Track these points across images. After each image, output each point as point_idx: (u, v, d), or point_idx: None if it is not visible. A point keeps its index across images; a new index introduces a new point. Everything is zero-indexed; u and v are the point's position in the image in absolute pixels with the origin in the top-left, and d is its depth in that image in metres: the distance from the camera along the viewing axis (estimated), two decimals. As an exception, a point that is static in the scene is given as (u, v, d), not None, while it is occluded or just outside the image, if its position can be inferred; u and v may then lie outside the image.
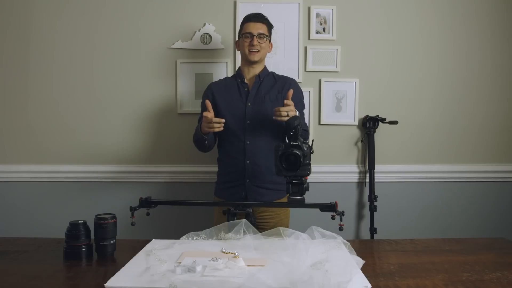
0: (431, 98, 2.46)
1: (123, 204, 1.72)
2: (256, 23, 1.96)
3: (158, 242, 1.43)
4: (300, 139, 1.42)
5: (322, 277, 1.05)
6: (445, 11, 2.44)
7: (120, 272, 1.15)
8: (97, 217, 1.36)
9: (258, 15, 1.99)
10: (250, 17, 1.99)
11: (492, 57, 2.46)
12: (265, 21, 1.99)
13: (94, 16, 2.42)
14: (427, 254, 1.40)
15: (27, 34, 2.42)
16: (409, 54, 2.45)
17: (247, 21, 1.98)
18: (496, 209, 2.49)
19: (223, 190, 1.99)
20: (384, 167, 2.44)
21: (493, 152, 2.49)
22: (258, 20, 1.97)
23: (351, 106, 2.45)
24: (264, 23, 1.98)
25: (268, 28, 2.00)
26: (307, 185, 1.43)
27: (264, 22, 1.99)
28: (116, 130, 2.44)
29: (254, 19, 1.97)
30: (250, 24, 1.96)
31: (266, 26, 1.99)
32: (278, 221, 1.90)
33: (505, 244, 1.55)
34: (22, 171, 2.44)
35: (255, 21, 1.97)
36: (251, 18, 1.98)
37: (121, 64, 2.43)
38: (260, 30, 1.95)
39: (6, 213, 2.43)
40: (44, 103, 2.44)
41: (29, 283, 1.14)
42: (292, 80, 2.07)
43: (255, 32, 1.94)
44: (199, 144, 1.96)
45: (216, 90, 2.01)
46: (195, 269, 1.11)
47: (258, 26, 1.96)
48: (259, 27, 1.95)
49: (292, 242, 1.30)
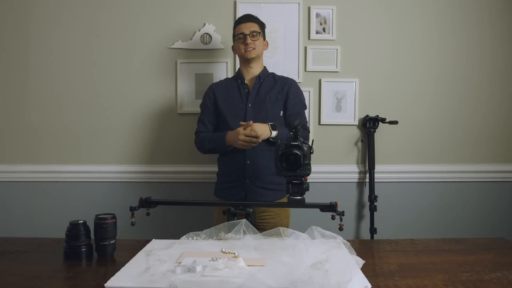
0: (431, 98, 2.47)
1: (123, 204, 1.72)
2: (247, 22, 2.00)
3: (158, 242, 1.43)
4: (300, 139, 1.42)
5: (322, 277, 1.04)
6: (445, 11, 2.44)
7: (120, 272, 1.15)
8: (97, 217, 1.36)
9: (248, 15, 2.03)
10: (241, 18, 2.03)
11: (492, 57, 2.46)
12: (255, 20, 2.02)
13: (94, 16, 2.42)
14: (427, 254, 1.40)
15: (27, 34, 2.42)
16: (409, 54, 2.45)
17: (239, 23, 2.02)
18: (496, 209, 2.49)
19: (223, 190, 2.00)
20: (384, 167, 2.44)
21: (493, 152, 2.49)
22: (248, 20, 2.01)
23: (351, 106, 2.45)
24: (255, 22, 2.01)
25: (260, 26, 2.03)
26: (307, 185, 1.43)
27: (255, 20, 2.02)
28: (116, 130, 2.45)
29: (245, 19, 2.01)
30: (241, 25, 2.00)
31: (258, 24, 2.02)
32: (278, 221, 1.91)
33: (505, 244, 1.55)
34: (22, 171, 2.44)
35: (246, 21, 2.00)
36: (242, 19, 2.03)
37: (121, 64, 2.43)
38: (251, 28, 1.98)
39: (6, 213, 2.43)
40: (44, 103, 2.44)
41: (29, 283, 1.14)
42: (292, 81, 2.07)
43: (247, 31, 1.97)
44: (212, 152, 2.00)
45: (217, 91, 2.03)
46: (195, 269, 1.11)
47: (249, 25, 1.99)
48: (250, 26, 1.98)
49: (292, 242, 1.30)
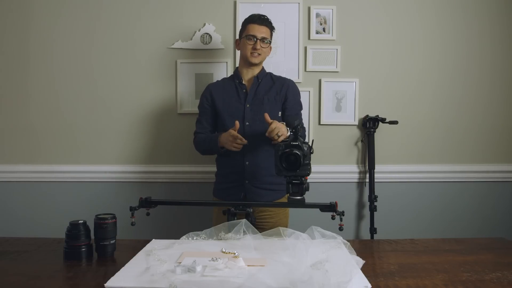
0: (431, 98, 2.47)
1: (123, 204, 1.72)
2: (261, 26, 1.93)
3: (158, 242, 1.43)
4: (300, 139, 1.42)
5: (322, 277, 1.04)
6: (445, 11, 2.44)
7: (120, 272, 1.15)
8: (97, 217, 1.36)
9: (263, 17, 1.96)
10: (255, 18, 1.94)
11: (492, 57, 2.46)
12: (268, 25, 1.96)
13: (94, 16, 2.42)
14: (427, 254, 1.40)
15: (27, 34, 2.42)
16: (409, 54, 2.45)
17: (251, 22, 1.94)
18: (496, 209, 2.49)
19: (222, 190, 1.99)
20: (384, 167, 2.44)
21: (493, 152, 2.49)
22: (263, 23, 1.94)
23: (351, 106, 2.45)
24: (268, 27, 1.96)
25: (271, 32, 1.98)
26: (307, 185, 1.43)
27: (268, 25, 1.96)
28: (116, 130, 2.45)
29: (259, 21, 1.94)
30: (255, 27, 1.93)
31: (269, 29, 1.97)
32: (277, 221, 1.91)
33: (505, 244, 1.55)
34: (22, 171, 2.44)
35: (260, 23, 1.93)
36: (256, 20, 1.94)
37: (121, 64, 2.43)
38: (263, 34, 1.92)
39: (6, 213, 2.43)
40: (44, 103, 2.44)
41: (29, 283, 1.14)
42: (290, 81, 2.05)
43: (259, 35, 1.91)
44: (207, 153, 2.01)
45: (215, 92, 2.00)
46: (195, 269, 1.11)
47: (262, 29, 1.93)
48: (263, 31, 1.93)
49: (292, 242, 1.30)
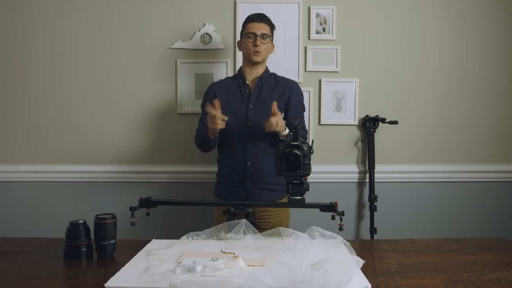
0: (431, 98, 2.47)
1: (123, 204, 1.73)
2: (260, 23, 1.94)
3: (158, 242, 1.43)
4: (300, 139, 1.42)
5: (322, 277, 1.04)
6: (445, 11, 2.44)
7: (120, 272, 1.15)
8: (97, 217, 1.36)
9: (261, 15, 1.97)
10: (253, 17, 1.97)
11: (492, 57, 2.46)
12: (268, 22, 1.97)
13: (94, 16, 2.42)
14: (427, 254, 1.40)
15: (27, 34, 2.42)
16: (409, 54, 2.45)
17: (250, 21, 1.96)
18: (496, 209, 2.49)
19: (223, 190, 1.99)
20: (384, 167, 2.44)
21: (493, 152, 2.49)
22: (261, 20, 1.95)
23: (351, 106, 2.45)
24: (267, 24, 1.97)
25: (271, 29, 1.99)
26: (307, 185, 1.43)
27: (267, 22, 1.97)
28: (116, 130, 2.45)
29: (257, 19, 1.95)
30: (254, 24, 1.94)
31: (269, 26, 1.98)
32: (278, 221, 1.90)
33: (505, 244, 1.55)
34: (22, 171, 2.44)
35: (258, 21, 1.95)
36: (254, 18, 1.96)
37: (121, 64, 2.43)
38: (263, 31, 1.93)
39: (6, 213, 2.43)
40: (44, 103, 2.44)
41: (29, 283, 1.14)
42: (294, 83, 2.05)
43: (258, 32, 1.92)
44: (202, 144, 1.93)
45: (218, 91, 2.00)
46: (195, 269, 1.11)
47: (261, 26, 1.94)
48: (262, 28, 1.94)
49: (292, 242, 1.30)
